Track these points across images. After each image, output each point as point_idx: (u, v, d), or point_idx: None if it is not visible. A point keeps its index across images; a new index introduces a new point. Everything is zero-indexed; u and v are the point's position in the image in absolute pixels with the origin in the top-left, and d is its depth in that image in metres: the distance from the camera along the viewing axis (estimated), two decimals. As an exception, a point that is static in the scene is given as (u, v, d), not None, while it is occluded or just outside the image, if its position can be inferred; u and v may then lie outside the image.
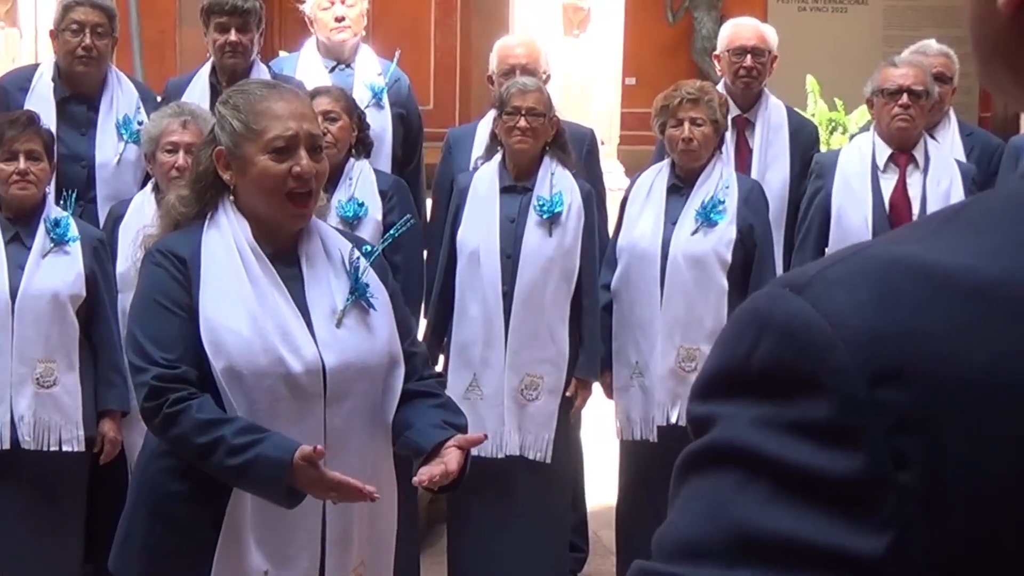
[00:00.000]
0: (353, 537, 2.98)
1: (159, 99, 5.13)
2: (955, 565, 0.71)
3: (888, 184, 4.82)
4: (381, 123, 5.27)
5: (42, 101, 4.82)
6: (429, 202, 5.47)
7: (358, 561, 3.01)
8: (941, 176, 4.79)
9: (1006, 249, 0.75)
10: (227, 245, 2.93)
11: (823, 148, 6.54)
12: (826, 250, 4.89)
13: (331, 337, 2.93)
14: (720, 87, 5.23)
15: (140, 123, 4.81)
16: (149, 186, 4.49)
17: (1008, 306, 0.73)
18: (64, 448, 4.19)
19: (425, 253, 5.03)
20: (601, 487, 5.35)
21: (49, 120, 4.61)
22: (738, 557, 0.73)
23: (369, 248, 3.12)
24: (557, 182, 4.64)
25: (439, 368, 4.48)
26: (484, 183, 4.69)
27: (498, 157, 4.73)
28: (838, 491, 0.72)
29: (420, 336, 4.11)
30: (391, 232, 3.27)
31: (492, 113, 4.86)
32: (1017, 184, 0.82)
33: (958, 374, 0.71)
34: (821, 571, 0.71)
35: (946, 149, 5.00)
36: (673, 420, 4.57)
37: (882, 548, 0.71)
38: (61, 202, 4.44)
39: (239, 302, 2.88)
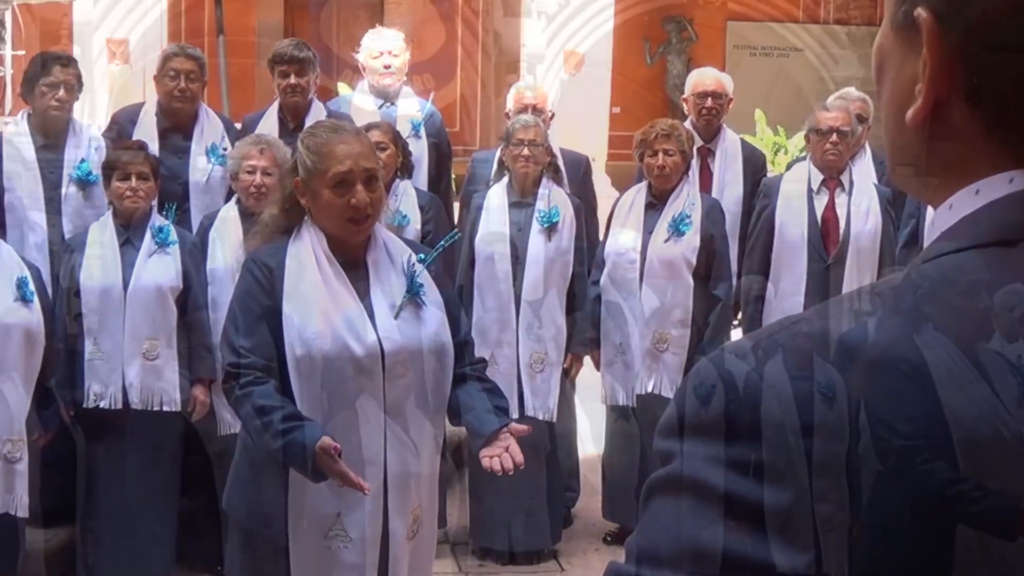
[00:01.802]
0: (411, 486, 2.97)
1: (238, 128, 5.14)
2: None
3: (821, 203, 4.81)
4: (419, 150, 5.25)
5: (147, 132, 4.82)
6: (457, 206, 5.46)
7: (416, 504, 3.01)
8: (863, 197, 4.78)
9: (886, 321, 0.77)
10: (307, 255, 2.93)
11: (770, 167, 6.52)
12: (771, 256, 4.89)
13: (389, 327, 2.91)
14: (687, 123, 5.23)
15: (225, 149, 4.80)
16: (233, 200, 4.50)
17: (893, 370, 0.74)
18: (164, 408, 4.21)
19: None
20: (590, 440, 5.37)
21: (153, 147, 4.62)
22: (689, 565, 0.75)
23: (423, 256, 3.09)
24: (553, 198, 4.66)
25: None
26: (495, 200, 4.71)
27: (505, 179, 4.74)
28: (769, 517, 0.73)
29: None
30: (441, 243, 3.25)
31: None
32: (911, 269, 0.83)
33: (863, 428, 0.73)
34: None
35: (864, 173, 4.99)
36: (649, 389, 4.60)
37: (803, 565, 0.72)
38: (163, 212, 4.45)
39: (314, 301, 2.88)
